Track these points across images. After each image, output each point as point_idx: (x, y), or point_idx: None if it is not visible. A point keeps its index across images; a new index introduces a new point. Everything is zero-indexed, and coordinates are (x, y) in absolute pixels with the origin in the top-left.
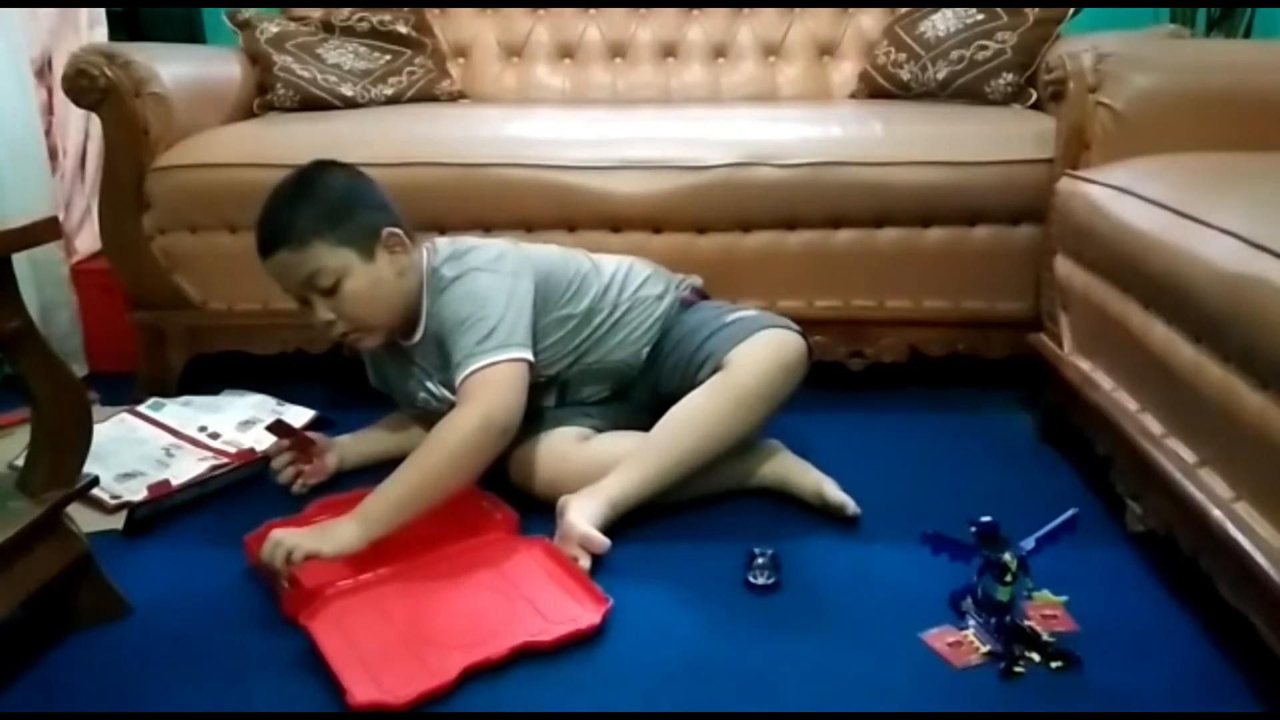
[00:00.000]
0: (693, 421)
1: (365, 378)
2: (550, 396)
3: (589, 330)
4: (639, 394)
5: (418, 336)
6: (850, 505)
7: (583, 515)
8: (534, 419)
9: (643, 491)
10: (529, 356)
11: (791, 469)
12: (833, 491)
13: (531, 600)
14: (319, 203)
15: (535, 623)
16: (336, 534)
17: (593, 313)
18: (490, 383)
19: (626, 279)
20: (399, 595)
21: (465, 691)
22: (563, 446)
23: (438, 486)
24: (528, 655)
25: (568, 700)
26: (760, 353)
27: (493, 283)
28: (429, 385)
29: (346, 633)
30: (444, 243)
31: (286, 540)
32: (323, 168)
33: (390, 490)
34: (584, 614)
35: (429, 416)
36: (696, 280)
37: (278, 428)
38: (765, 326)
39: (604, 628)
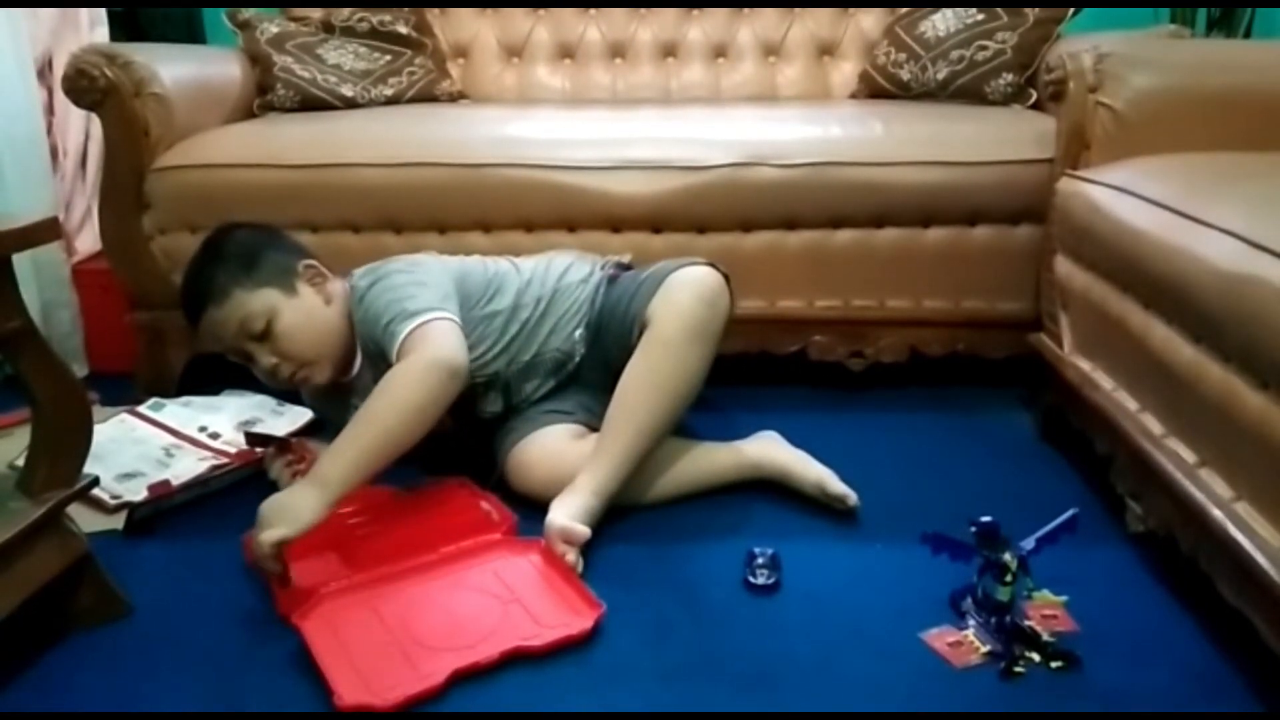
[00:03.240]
0: (638, 387)
1: None
2: (495, 399)
3: (518, 326)
4: (595, 377)
5: (356, 368)
6: (851, 496)
7: (563, 511)
8: (490, 427)
9: (618, 472)
10: (456, 318)
11: (792, 461)
12: (833, 483)
13: (524, 604)
14: (228, 257)
15: (527, 627)
16: (294, 511)
17: (518, 308)
18: (424, 336)
19: (547, 272)
20: (392, 596)
21: (456, 694)
22: (558, 446)
23: (393, 438)
24: (521, 658)
25: (563, 701)
26: (675, 296)
27: (408, 277)
28: None
29: (338, 633)
30: (361, 269)
31: (258, 542)
32: (226, 229)
33: (345, 448)
34: (576, 620)
35: None
36: (624, 257)
37: (253, 439)
38: (674, 270)
39: (602, 629)
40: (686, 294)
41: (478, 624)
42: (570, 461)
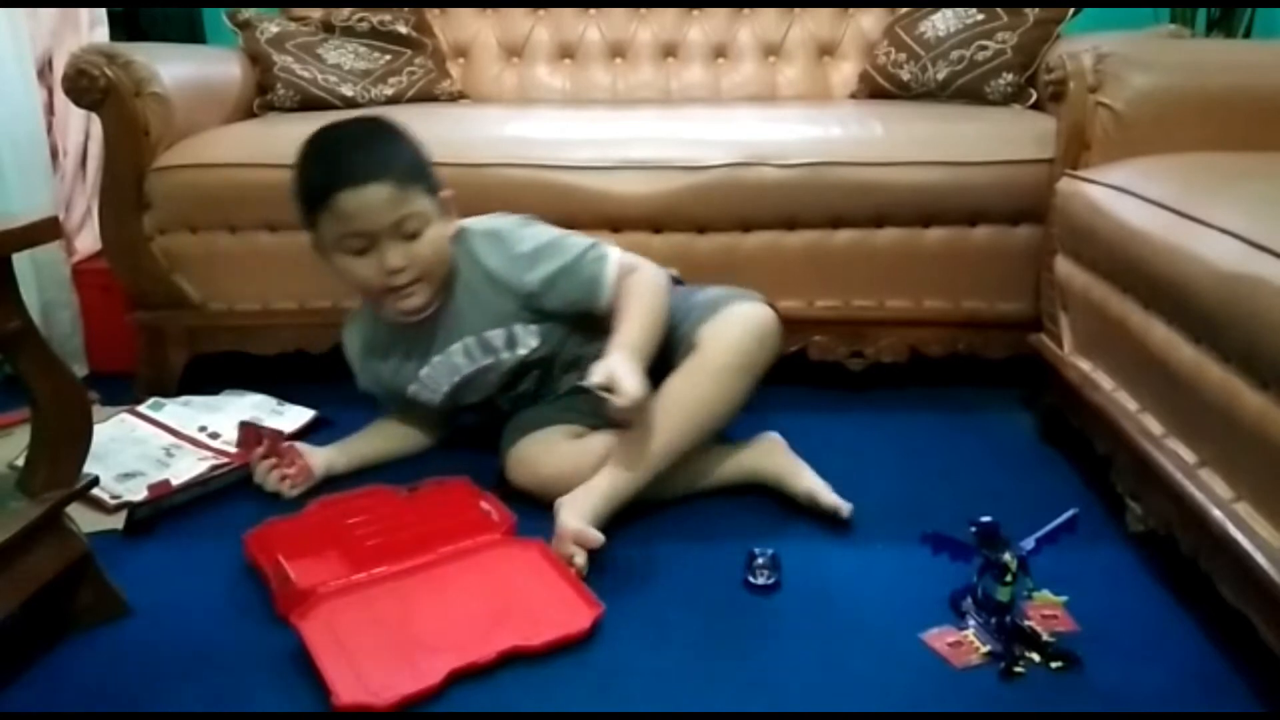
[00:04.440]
0: (674, 405)
1: None
2: (531, 381)
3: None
4: None
5: (434, 305)
6: (844, 509)
7: (576, 513)
8: (521, 417)
9: (636, 482)
10: None
11: (785, 468)
12: (825, 495)
13: (523, 604)
14: (413, 151)
15: (525, 627)
16: (632, 372)
17: None
18: (636, 262)
19: None
20: (391, 596)
21: (455, 693)
22: (559, 445)
23: (661, 319)
24: (520, 658)
25: (562, 701)
26: (730, 327)
27: (552, 228)
28: (434, 361)
29: (336, 633)
30: (469, 219)
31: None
32: (393, 123)
33: (628, 326)
34: (575, 620)
35: (412, 418)
36: (672, 271)
37: (246, 437)
38: (734, 300)
39: (601, 629)
40: (740, 327)
41: (476, 624)
42: (570, 462)
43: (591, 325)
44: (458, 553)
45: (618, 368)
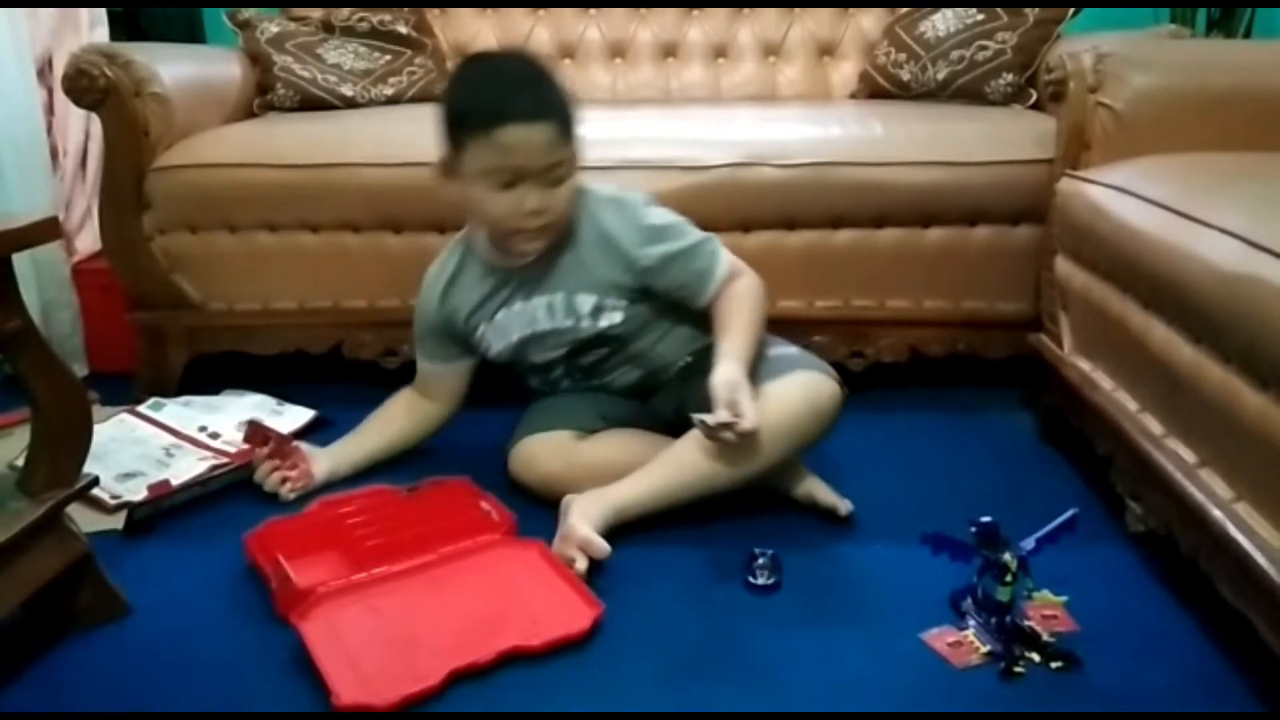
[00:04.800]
0: (715, 451)
1: (365, 378)
2: (596, 357)
3: (660, 313)
4: (664, 404)
5: (536, 255)
6: (842, 506)
7: (586, 518)
8: (531, 414)
9: (651, 504)
10: None
11: (783, 470)
12: (823, 494)
13: (523, 604)
14: (570, 100)
15: (525, 627)
16: (751, 399)
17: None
18: (739, 266)
19: None
20: (391, 596)
21: (454, 693)
22: (563, 445)
23: (761, 326)
24: (520, 658)
25: (563, 701)
26: (792, 392)
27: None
28: (516, 308)
29: (336, 633)
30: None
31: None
32: (551, 68)
33: (739, 332)
34: (574, 619)
35: (420, 404)
36: None
37: (253, 435)
38: (803, 367)
39: (601, 629)
40: (802, 396)
41: (476, 624)
42: (575, 462)
43: (673, 321)
44: (458, 553)
45: (741, 395)
